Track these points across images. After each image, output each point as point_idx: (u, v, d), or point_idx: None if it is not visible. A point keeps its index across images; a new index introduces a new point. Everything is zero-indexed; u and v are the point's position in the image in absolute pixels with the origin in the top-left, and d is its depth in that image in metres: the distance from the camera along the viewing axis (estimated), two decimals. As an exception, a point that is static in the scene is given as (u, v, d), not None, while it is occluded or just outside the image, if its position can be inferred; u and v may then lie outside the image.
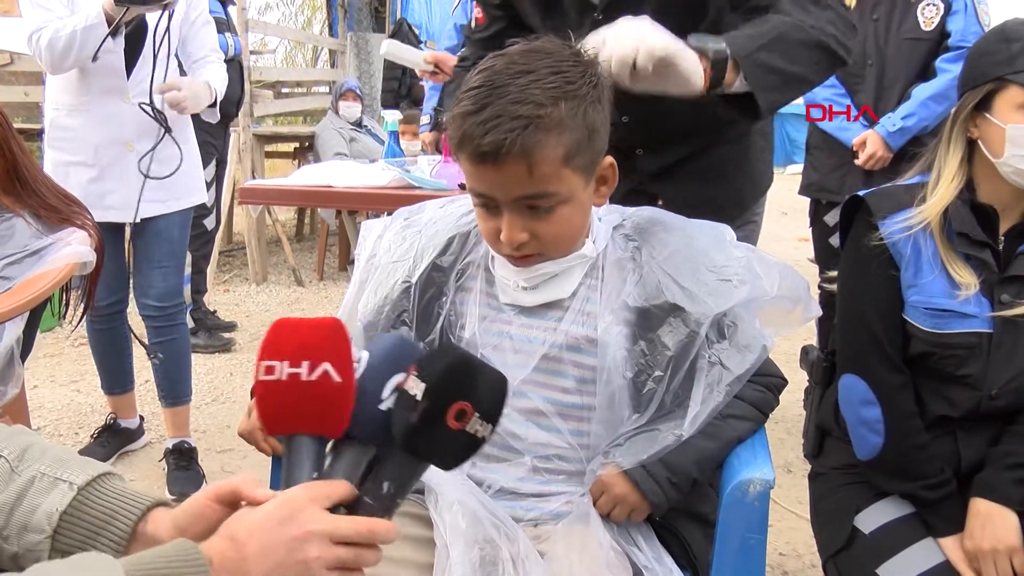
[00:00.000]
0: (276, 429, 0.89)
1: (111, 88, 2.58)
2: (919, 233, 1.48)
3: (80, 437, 3.25)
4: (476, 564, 1.10)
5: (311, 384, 0.85)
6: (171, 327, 2.80)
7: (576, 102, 1.10)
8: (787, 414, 3.25)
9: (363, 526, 0.80)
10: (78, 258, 1.85)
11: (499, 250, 1.21)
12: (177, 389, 2.86)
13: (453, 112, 1.12)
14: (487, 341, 1.25)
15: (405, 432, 0.85)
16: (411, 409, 0.85)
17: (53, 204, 1.89)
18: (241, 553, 0.75)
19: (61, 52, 2.42)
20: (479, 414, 0.86)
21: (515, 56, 1.12)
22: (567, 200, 1.14)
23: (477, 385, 0.86)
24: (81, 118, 2.60)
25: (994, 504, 1.43)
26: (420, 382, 0.85)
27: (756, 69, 1.33)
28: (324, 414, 0.86)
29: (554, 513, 1.21)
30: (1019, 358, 1.46)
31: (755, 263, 1.22)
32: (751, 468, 1.20)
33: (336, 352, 0.87)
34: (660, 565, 1.18)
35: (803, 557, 2.40)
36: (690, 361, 1.17)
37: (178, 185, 2.72)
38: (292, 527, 0.77)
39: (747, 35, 1.37)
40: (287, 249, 6.00)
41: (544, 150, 1.08)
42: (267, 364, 0.87)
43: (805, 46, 1.39)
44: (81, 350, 4.29)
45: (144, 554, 0.74)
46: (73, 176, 2.60)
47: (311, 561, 0.76)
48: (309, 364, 0.86)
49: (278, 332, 0.89)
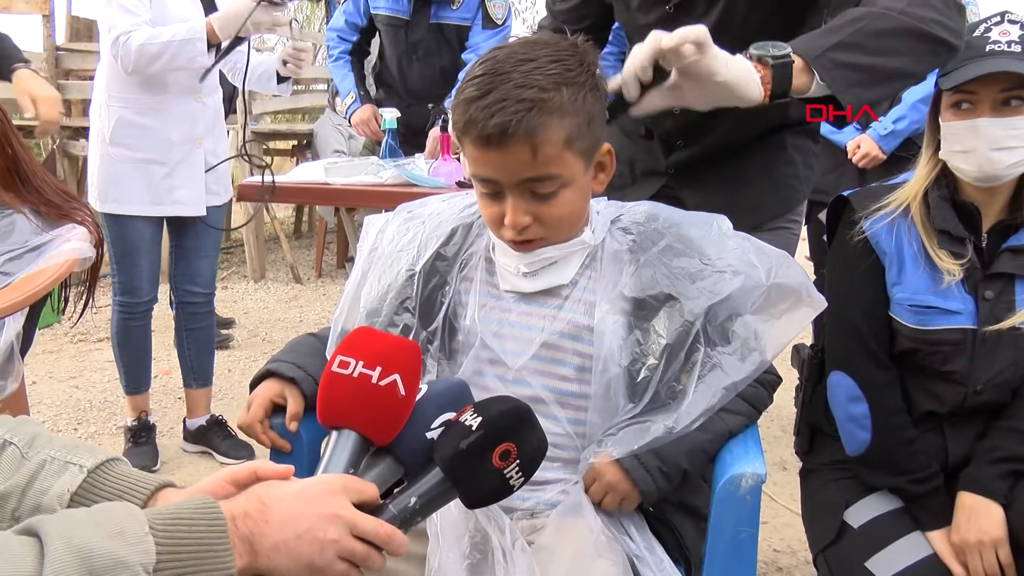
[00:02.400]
0: (331, 419, 0.93)
1: (188, 88, 2.71)
2: (902, 228, 1.50)
3: (79, 433, 3.26)
4: (466, 553, 1.12)
5: (377, 389, 0.91)
6: (208, 312, 3.02)
7: (576, 88, 1.13)
8: (782, 412, 3.26)
9: (384, 529, 0.82)
10: (78, 254, 1.86)
11: (502, 235, 1.23)
12: (208, 370, 3.06)
13: (458, 99, 1.15)
14: (487, 328, 1.27)
15: (450, 455, 0.90)
16: (463, 436, 0.90)
17: (53, 200, 1.91)
18: (265, 516, 0.78)
19: (151, 57, 2.52)
20: (519, 462, 0.91)
21: (516, 47, 1.16)
22: (568, 183, 1.17)
23: (527, 435, 0.93)
24: (156, 117, 2.70)
25: (980, 498, 1.46)
26: (477, 416, 0.92)
27: (833, 68, 1.22)
28: (379, 419, 0.92)
29: (549, 503, 1.23)
30: (1004, 354, 1.48)
31: (751, 253, 1.23)
32: (743, 462, 1.22)
33: (408, 369, 0.93)
34: (651, 555, 1.19)
35: (797, 553, 2.42)
36: (685, 352, 1.19)
37: (225, 177, 2.93)
38: (322, 506, 0.80)
39: (818, 34, 1.27)
40: (285, 246, 6.00)
41: (547, 132, 1.11)
42: (342, 359, 0.93)
43: (895, 35, 1.25)
44: (80, 346, 4.30)
45: (165, 505, 0.77)
46: (142, 172, 2.71)
47: (328, 542, 0.79)
48: (381, 370, 0.92)
49: (360, 336, 0.97)
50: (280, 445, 1.31)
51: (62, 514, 0.72)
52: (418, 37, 3.55)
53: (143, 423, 2.98)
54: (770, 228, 1.73)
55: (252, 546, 0.76)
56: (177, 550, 0.71)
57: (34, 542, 0.67)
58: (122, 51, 2.52)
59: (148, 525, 0.71)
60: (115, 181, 2.71)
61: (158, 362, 3.74)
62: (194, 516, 0.74)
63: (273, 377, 1.33)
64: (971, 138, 1.42)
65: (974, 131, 1.41)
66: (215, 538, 0.73)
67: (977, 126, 1.41)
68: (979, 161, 1.42)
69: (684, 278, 1.21)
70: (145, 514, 0.72)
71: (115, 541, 0.68)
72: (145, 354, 2.95)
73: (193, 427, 3.07)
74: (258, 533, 0.77)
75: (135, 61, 2.52)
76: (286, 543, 0.77)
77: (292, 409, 1.30)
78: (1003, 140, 1.40)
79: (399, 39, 3.57)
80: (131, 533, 0.69)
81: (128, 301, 2.81)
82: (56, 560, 0.65)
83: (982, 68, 1.38)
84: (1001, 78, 1.39)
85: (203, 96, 2.77)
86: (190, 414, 3.07)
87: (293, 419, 1.30)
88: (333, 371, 0.94)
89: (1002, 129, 1.40)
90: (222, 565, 0.73)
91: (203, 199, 2.81)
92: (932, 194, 1.51)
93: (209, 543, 0.73)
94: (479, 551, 1.13)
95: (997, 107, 1.41)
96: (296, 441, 1.31)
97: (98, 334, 4.35)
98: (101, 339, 4.27)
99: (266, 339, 4.50)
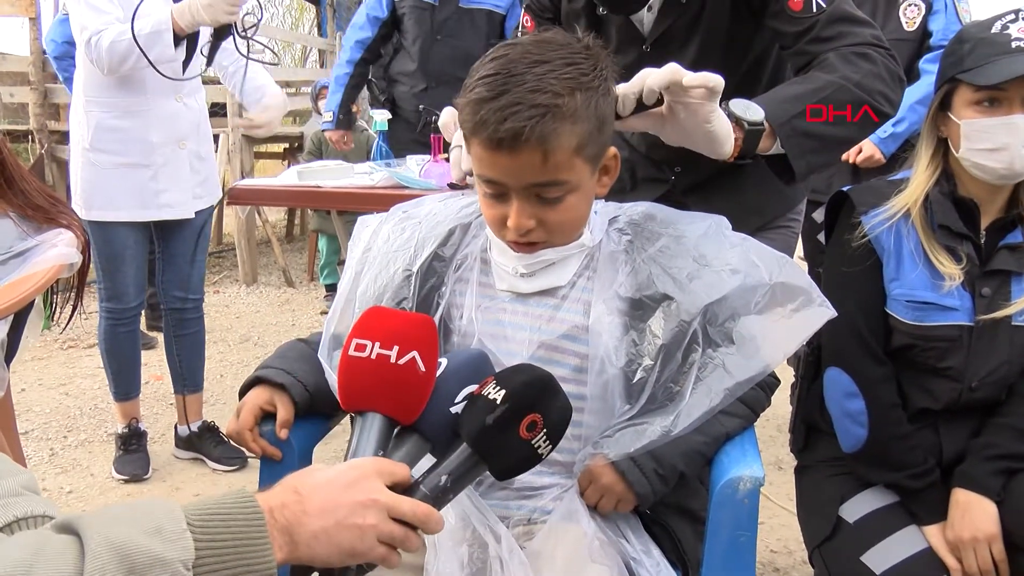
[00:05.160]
0: (354, 403, 0.93)
1: (167, 88, 2.66)
2: (901, 226, 1.50)
3: (68, 440, 3.23)
4: (464, 562, 1.11)
5: (397, 368, 0.91)
6: (197, 318, 2.98)
7: (589, 93, 1.12)
8: (778, 411, 3.26)
9: (421, 509, 0.83)
10: (64, 260, 1.83)
11: (503, 236, 1.21)
12: (198, 375, 3.03)
13: (466, 98, 1.12)
14: (484, 329, 1.25)
15: (477, 431, 0.90)
16: (489, 411, 0.90)
17: (39, 204, 1.88)
18: (303, 506, 0.78)
19: (122, 56, 2.46)
20: (546, 431, 0.92)
21: (529, 46, 1.13)
22: (575, 189, 1.16)
23: (551, 403, 0.93)
24: (136, 119, 2.66)
25: (974, 494, 1.46)
26: (500, 388, 0.91)
27: (793, 136, 1.31)
28: (402, 398, 0.92)
29: (546, 511, 1.21)
30: (999, 351, 1.48)
31: (751, 253, 1.21)
32: (741, 466, 1.20)
33: (425, 345, 0.93)
34: (648, 557, 1.18)
35: (794, 553, 2.41)
36: (681, 352, 1.17)
37: (211, 180, 2.88)
38: (358, 492, 0.81)
39: (787, 98, 1.34)
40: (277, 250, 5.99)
41: (560, 139, 1.09)
42: (358, 342, 0.93)
43: (850, 109, 1.35)
44: (70, 353, 4.27)
45: (204, 499, 0.77)
46: (126, 177, 2.67)
47: (367, 527, 0.80)
48: (399, 349, 0.91)
49: (372, 316, 0.96)
50: (271, 453, 1.29)
51: (101, 512, 0.72)
52: (444, 16, 3.54)
53: (134, 430, 2.96)
54: (773, 228, 1.74)
55: (292, 537, 0.77)
56: (216, 545, 0.72)
57: (74, 540, 0.68)
58: (95, 53, 2.47)
59: (186, 521, 0.71)
60: (99, 187, 2.67)
61: (149, 368, 3.72)
62: (232, 510, 0.74)
63: (262, 384, 1.31)
64: (1006, 135, 1.41)
65: (1010, 128, 1.41)
66: (254, 531, 0.74)
67: (1014, 123, 1.40)
68: (1012, 158, 1.41)
69: (680, 277, 1.20)
70: (183, 510, 0.73)
71: (154, 539, 0.68)
72: (134, 360, 2.92)
73: (185, 433, 3.05)
74: (297, 524, 0.78)
75: (108, 61, 2.47)
76: (326, 531, 0.78)
77: (282, 416, 1.28)
78: None
79: (424, 20, 3.56)
80: (169, 530, 0.70)
81: (115, 307, 2.79)
82: (96, 558, 0.66)
83: (1022, 64, 1.37)
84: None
85: (184, 97, 2.72)
86: (181, 420, 3.05)
87: (283, 426, 1.27)
88: (350, 355, 0.93)
89: None
90: (262, 558, 0.73)
91: (190, 202, 2.77)
92: (933, 192, 1.50)
93: (248, 537, 0.74)
94: (478, 560, 1.11)
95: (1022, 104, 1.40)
96: (287, 448, 1.29)
97: (88, 340, 4.32)
98: (91, 345, 4.25)
99: (258, 343, 4.47)
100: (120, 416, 2.96)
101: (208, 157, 2.86)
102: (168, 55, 2.45)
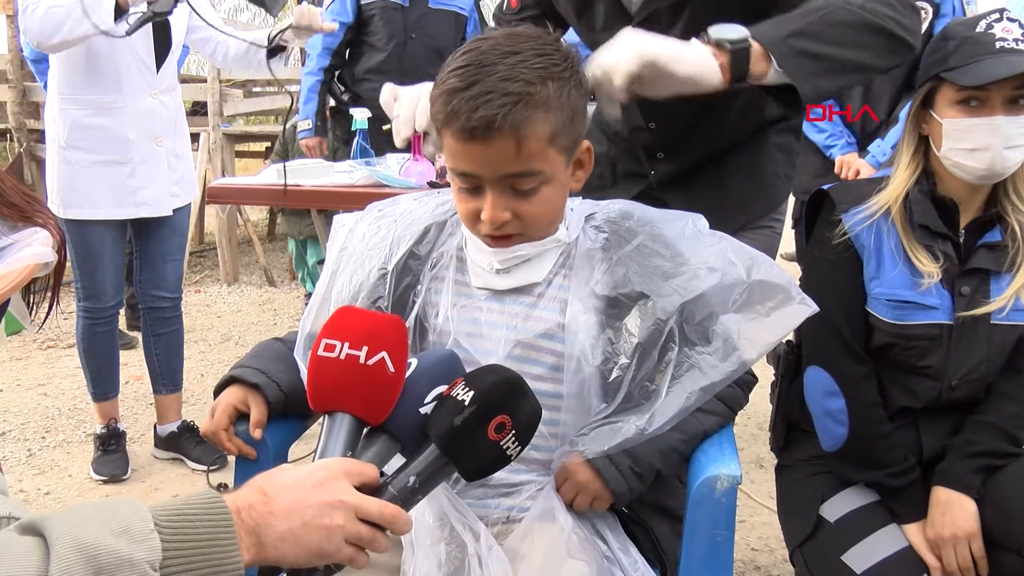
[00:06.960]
0: (323, 403, 0.93)
1: (143, 85, 2.64)
2: (881, 225, 1.50)
3: (47, 441, 3.20)
4: (442, 561, 1.10)
5: (366, 368, 0.91)
6: (175, 317, 2.95)
7: (561, 83, 1.11)
8: (758, 410, 3.26)
9: (388, 510, 0.83)
10: (39, 259, 1.81)
11: (478, 231, 1.20)
12: (177, 375, 3.01)
13: (439, 89, 1.12)
14: (460, 328, 1.24)
15: (446, 432, 0.90)
16: (457, 412, 0.90)
17: (14, 202, 1.86)
18: (270, 507, 0.78)
19: (55, 24, 2.35)
20: (515, 432, 0.92)
21: (500, 38, 1.13)
22: (549, 180, 1.15)
23: (520, 405, 0.93)
24: (112, 116, 2.63)
25: (954, 492, 1.46)
26: (469, 390, 0.91)
27: (791, 56, 1.24)
28: (371, 399, 0.91)
29: (524, 508, 1.20)
30: (978, 349, 1.49)
31: (729, 251, 1.20)
32: (718, 464, 1.19)
33: (394, 345, 0.93)
34: (626, 556, 1.17)
35: (775, 552, 2.41)
36: (658, 351, 1.16)
37: (188, 178, 2.86)
38: (325, 492, 0.80)
39: (777, 21, 1.28)
40: (258, 249, 5.95)
41: (533, 127, 1.09)
42: (328, 342, 0.93)
43: (853, 28, 1.28)
44: (49, 353, 4.23)
45: (171, 500, 0.76)
46: (102, 174, 2.64)
47: (335, 528, 0.79)
48: (368, 349, 0.91)
49: (342, 316, 0.96)
50: (246, 452, 1.28)
51: (67, 512, 0.71)
52: (416, 16, 3.67)
53: (112, 430, 2.93)
54: (755, 227, 1.73)
55: (259, 538, 0.77)
56: (183, 546, 0.71)
57: (39, 542, 0.67)
58: (28, 21, 2.37)
59: (153, 522, 0.71)
60: (76, 186, 2.64)
61: (129, 368, 3.69)
62: (199, 511, 0.74)
63: (237, 383, 1.29)
64: (987, 136, 1.41)
65: (992, 129, 1.41)
66: (221, 532, 0.74)
67: (996, 123, 1.40)
68: (992, 159, 1.41)
69: (657, 276, 1.19)
70: (150, 510, 0.72)
71: (121, 539, 0.68)
72: (112, 360, 2.89)
73: (164, 433, 3.02)
74: (264, 524, 0.77)
75: (40, 29, 2.36)
76: (293, 532, 0.78)
77: (255, 416, 1.27)
78: (1015, 138, 1.40)
79: (395, 20, 3.66)
80: (136, 530, 0.69)
81: (92, 307, 2.76)
82: (62, 559, 0.65)
83: (1006, 66, 1.37)
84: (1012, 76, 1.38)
85: (160, 94, 2.70)
86: (161, 420, 3.02)
87: (256, 426, 1.26)
88: (320, 355, 0.93)
89: (1015, 127, 1.40)
90: (230, 559, 0.73)
91: (167, 200, 2.75)
92: (913, 191, 1.50)
93: (215, 537, 0.73)
94: (456, 559, 1.10)
95: (1006, 105, 1.40)
96: (262, 448, 1.28)
97: (67, 340, 4.28)
98: (71, 345, 4.20)
99: (239, 343, 4.44)
100: (99, 416, 2.93)
101: (185, 155, 2.84)
102: (107, 24, 2.34)
